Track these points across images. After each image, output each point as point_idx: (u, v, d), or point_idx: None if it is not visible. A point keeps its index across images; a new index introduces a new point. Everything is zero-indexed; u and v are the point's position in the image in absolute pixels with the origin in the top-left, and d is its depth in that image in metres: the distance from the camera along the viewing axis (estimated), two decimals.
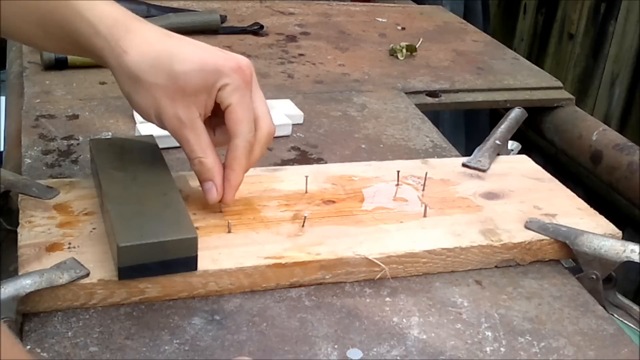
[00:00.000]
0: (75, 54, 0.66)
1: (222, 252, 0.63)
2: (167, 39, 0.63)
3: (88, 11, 0.61)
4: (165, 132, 0.86)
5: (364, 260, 0.65)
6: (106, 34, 0.61)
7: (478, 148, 0.86)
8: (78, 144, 0.87)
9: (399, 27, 1.47)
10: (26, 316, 0.58)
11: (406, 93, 1.12)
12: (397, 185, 0.78)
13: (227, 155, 0.66)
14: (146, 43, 0.62)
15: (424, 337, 0.60)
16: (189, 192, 0.72)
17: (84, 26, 0.61)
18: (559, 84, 1.27)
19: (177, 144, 0.86)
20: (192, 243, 0.59)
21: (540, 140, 1.28)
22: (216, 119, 0.66)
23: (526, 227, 0.72)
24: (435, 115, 1.34)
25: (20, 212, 0.67)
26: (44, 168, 0.81)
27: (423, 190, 0.77)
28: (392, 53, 1.29)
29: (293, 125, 0.95)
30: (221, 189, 0.66)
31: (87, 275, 0.59)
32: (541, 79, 1.28)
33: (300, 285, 0.64)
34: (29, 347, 0.55)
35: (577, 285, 0.69)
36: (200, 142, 0.64)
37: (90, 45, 0.62)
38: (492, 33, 1.75)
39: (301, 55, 1.26)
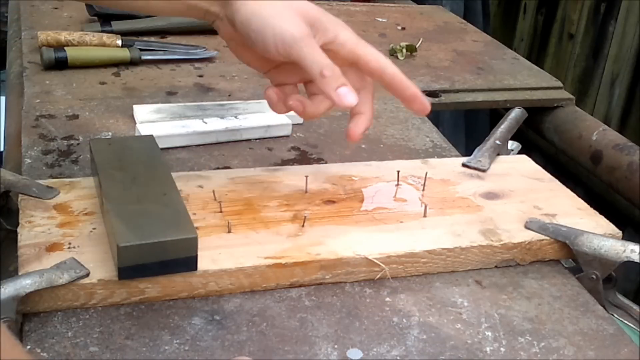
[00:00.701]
0: (183, 11, 0.66)
1: (222, 252, 0.63)
2: None
3: None
4: (165, 132, 0.87)
5: (364, 260, 0.65)
6: None
7: (478, 148, 0.87)
8: (78, 144, 0.87)
9: (399, 27, 1.47)
10: (26, 316, 0.58)
11: None
12: (397, 185, 0.78)
13: (392, 86, 0.65)
14: None
15: (424, 337, 0.60)
16: (189, 192, 0.72)
17: None
18: (559, 84, 1.27)
19: (177, 144, 0.88)
20: (192, 243, 0.59)
21: (540, 140, 1.28)
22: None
23: (526, 227, 0.72)
24: (435, 115, 1.34)
25: (20, 212, 0.67)
26: (44, 168, 0.81)
27: (423, 190, 0.77)
28: (392, 53, 1.29)
29: (293, 125, 0.95)
30: (355, 92, 0.63)
31: (87, 275, 0.59)
32: (541, 79, 1.28)
33: (300, 285, 0.64)
34: (29, 347, 0.55)
35: (577, 285, 0.69)
36: (322, 51, 0.62)
37: None
38: (492, 33, 1.75)
39: None
